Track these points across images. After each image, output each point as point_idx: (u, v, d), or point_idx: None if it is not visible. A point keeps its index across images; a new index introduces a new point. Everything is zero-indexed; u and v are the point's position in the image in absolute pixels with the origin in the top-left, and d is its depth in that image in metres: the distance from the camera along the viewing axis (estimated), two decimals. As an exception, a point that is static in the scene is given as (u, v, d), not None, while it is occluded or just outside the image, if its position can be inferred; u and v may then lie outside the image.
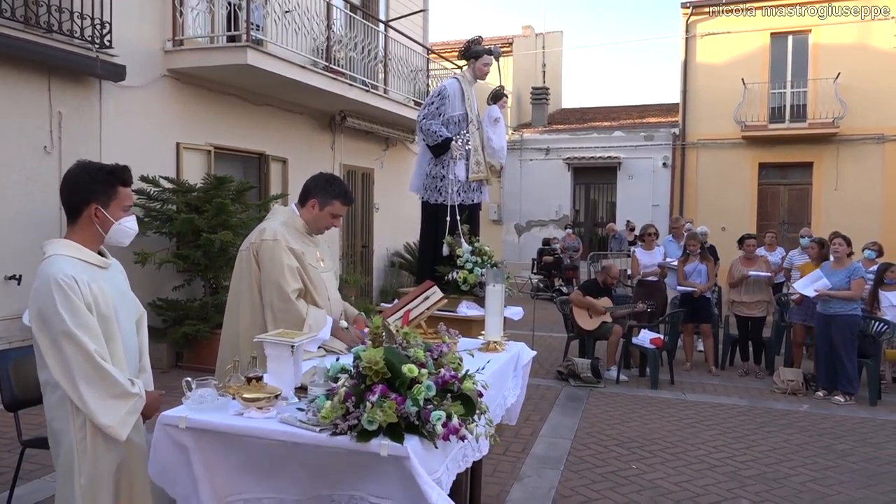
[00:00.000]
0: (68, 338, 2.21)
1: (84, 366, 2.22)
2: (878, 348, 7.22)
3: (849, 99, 16.00)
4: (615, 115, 21.12)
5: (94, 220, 2.38)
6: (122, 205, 2.43)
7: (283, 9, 8.55)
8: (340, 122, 10.91)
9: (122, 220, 2.44)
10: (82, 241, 2.38)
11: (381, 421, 1.94)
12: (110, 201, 2.40)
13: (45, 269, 2.27)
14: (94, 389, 2.23)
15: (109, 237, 2.44)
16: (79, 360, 2.22)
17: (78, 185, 2.39)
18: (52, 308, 2.22)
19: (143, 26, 7.59)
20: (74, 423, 2.28)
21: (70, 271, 2.27)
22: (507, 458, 5.04)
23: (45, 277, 2.25)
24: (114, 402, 2.25)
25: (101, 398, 2.24)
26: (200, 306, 7.41)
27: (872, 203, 16.10)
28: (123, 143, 7.29)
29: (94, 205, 2.37)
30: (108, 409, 2.23)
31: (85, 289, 2.28)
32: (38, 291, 2.25)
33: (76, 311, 2.23)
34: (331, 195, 3.17)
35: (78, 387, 2.22)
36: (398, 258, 12.93)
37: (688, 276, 8.37)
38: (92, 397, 2.23)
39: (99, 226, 2.39)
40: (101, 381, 2.25)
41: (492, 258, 5.43)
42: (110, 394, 2.26)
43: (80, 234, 2.39)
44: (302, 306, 3.04)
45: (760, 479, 4.82)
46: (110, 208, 2.40)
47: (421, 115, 5.44)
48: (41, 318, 2.24)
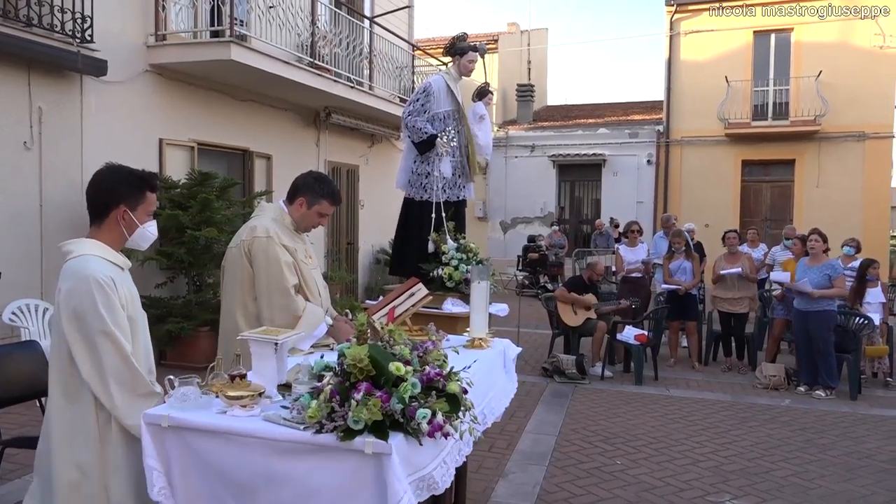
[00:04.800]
0: (107, 337, 2.24)
1: (120, 366, 2.26)
2: (858, 344, 7.31)
3: (830, 97, 16.15)
4: (600, 112, 21.19)
5: (120, 221, 2.40)
6: (147, 209, 2.47)
7: (268, 4, 8.49)
8: (325, 119, 10.86)
9: (147, 224, 2.47)
10: (107, 242, 2.40)
11: (366, 419, 1.94)
12: (138, 205, 2.43)
13: (80, 268, 2.28)
14: (125, 390, 2.27)
15: (132, 240, 2.46)
16: (115, 360, 2.25)
17: (109, 185, 2.41)
18: (91, 308, 2.23)
19: (124, 21, 7.50)
20: (98, 420, 2.29)
21: (107, 271, 2.31)
22: (492, 455, 5.05)
23: (83, 277, 2.25)
24: (141, 402, 2.29)
25: (131, 398, 2.28)
26: (184, 304, 7.35)
27: (853, 200, 16.27)
28: (105, 139, 7.21)
29: (124, 207, 2.39)
30: (135, 408, 2.26)
31: (120, 289, 2.33)
32: (75, 291, 2.25)
33: (114, 311, 2.27)
34: (319, 194, 3.16)
35: (109, 386, 2.25)
36: (384, 255, 12.90)
37: (673, 273, 8.42)
38: (122, 398, 2.27)
39: (125, 228, 2.42)
40: (133, 382, 2.29)
41: (477, 255, 5.42)
42: (138, 393, 2.30)
43: (106, 235, 2.41)
44: (301, 302, 3.04)
45: (743, 474, 4.87)
46: (137, 211, 2.42)
47: (406, 111, 5.42)
48: (77, 316, 2.24)
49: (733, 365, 8.40)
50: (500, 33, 21.17)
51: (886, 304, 8.46)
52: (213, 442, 2.10)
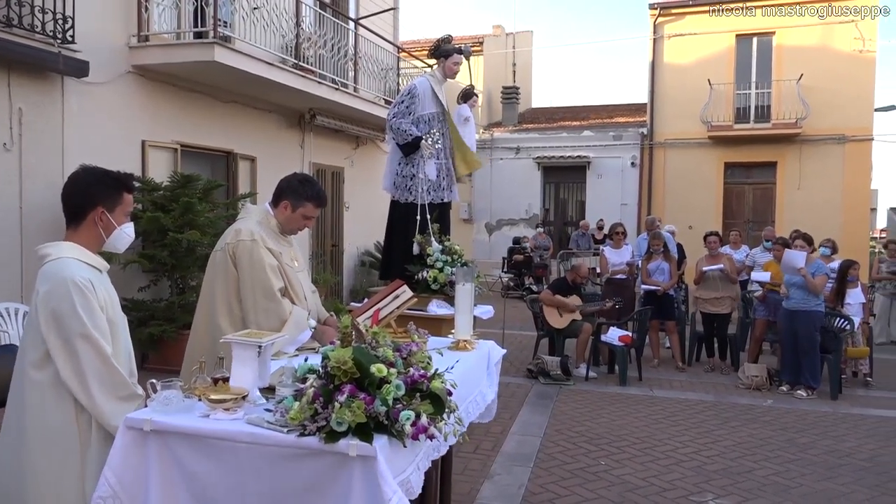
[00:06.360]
0: (86, 339, 2.23)
1: (100, 368, 2.25)
2: (839, 344, 7.40)
3: (811, 100, 16.35)
4: (584, 114, 21.30)
5: (97, 223, 2.39)
6: (125, 210, 2.46)
7: (252, 5, 8.45)
8: (310, 121, 10.83)
9: (124, 225, 2.46)
10: (85, 244, 2.38)
11: (349, 421, 1.93)
12: (115, 206, 2.41)
13: (57, 271, 2.26)
14: (106, 391, 2.26)
15: (110, 242, 2.44)
16: (95, 362, 2.24)
17: (84, 187, 2.40)
18: (69, 310, 2.22)
19: (106, 21, 7.43)
20: (79, 423, 2.28)
21: (86, 274, 2.30)
22: (478, 457, 5.06)
23: (61, 279, 2.24)
24: (123, 405, 2.28)
25: (113, 400, 2.27)
26: (167, 307, 7.29)
27: (833, 201, 16.47)
28: (86, 141, 7.14)
29: (100, 208, 2.38)
30: (118, 411, 2.24)
31: (99, 292, 2.31)
32: (53, 293, 2.24)
33: (94, 314, 2.26)
34: (303, 197, 3.15)
35: (90, 388, 2.24)
36: (369, 257, 12.88)
37: (651, 273, 8.50)
38: (104, 399, 2.26)
39: (102, 229, 2.40)
40: (114, 384, 2.28)
41: (462, 257, 5.44)
42: (120, 396, 2.29)
43: (83, 237, 2.39)
44: (287, 305, 3.03)
45: (725, 474, 4.91)
46: (115, 213, 2.41)
47: (391, 113, 5.42)
48: (55, 318, 2.23)
49: (716, 365, 8.48)
50: (485, 35, 21.21)
51: (867, 305, 8.58)
52: (195, 446, 2.08)
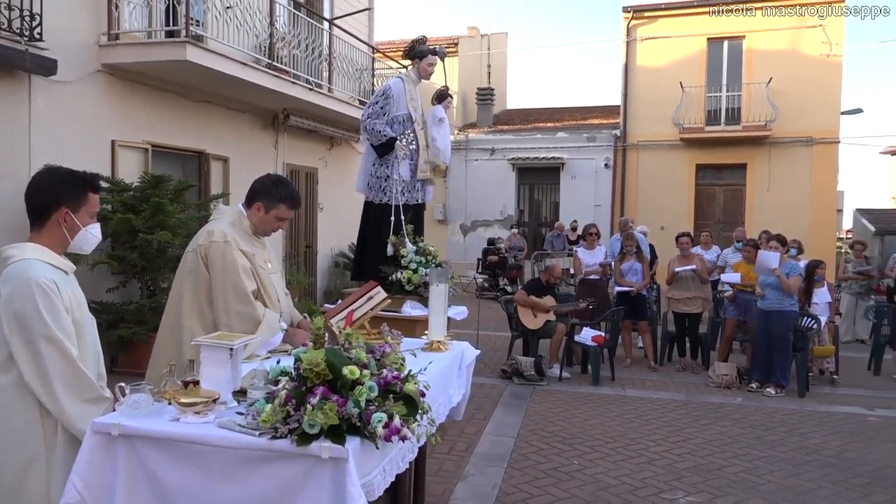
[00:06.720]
0: (50, 341, 2.20)
1: (65, 370, 2.22)
2: (806, 343, 7.55)
3: (780, 103, 16.64)
4: (559, 116, 21.43)
5: (62, 224, 2.35)
6: (90, 211, 2.42)
7: (225, 4, 8.38)
8: (284, 121, 10.76)
9: (89, 226, 2.42)
10: (49, 245, 2.34)
11: (322, 423, 1.93)
12: (80, 206, 2.37)
13: (21, 272, 2.23)
14: (71, 394, 2.23)
15: (75, 243, 2.40)
16: (60, 364, 2.21)
17: (48, 187, 2.36)
18: (33, 311, 2.19)
19: (75, 19, 7.31)
20: (44, 426, 2.24)
21: (50, 275, 2.26)
22: (451, 458, 5.07)
23: (24, 281, 2.21)
24: (90, 407, 2.25)
25: (78, 403, 2.24)
26: (137, 309, 7.20)
27: (801, 203, 16.79)
28: (54, 140, 7.01)
29: (65, 208, 2.34)
30: (84, 414, 2.22)
31: (64, 293, 2.28)
32: (15, 294, 2.21)
33: (58, 315, 2.23)
34: (277, 198, 3.12)
35: (55, 391, 2.21)
36: (342, 258, 12.83)
37: (624, 274, 8.60)
38: (69, 402, 2.23)
39: (66, 230, 2.36)
40: (80, 386, 2.25)
41: (436, 258, 5.44)
42: (86, 398, 2.26)
43: (47, 238, 2.35)
44: (259, 307, 2.99)
45: (696, 471, 4.98)
46: (79, 213, 2.37)
47: (365, 114, 5.41)
48: (18, 320, 2.20)
49: (687, 365, 8.59)
50: (460, 37, 21.24)
51: (833, 304, 8.77)
52: (165, 450, 2.06)
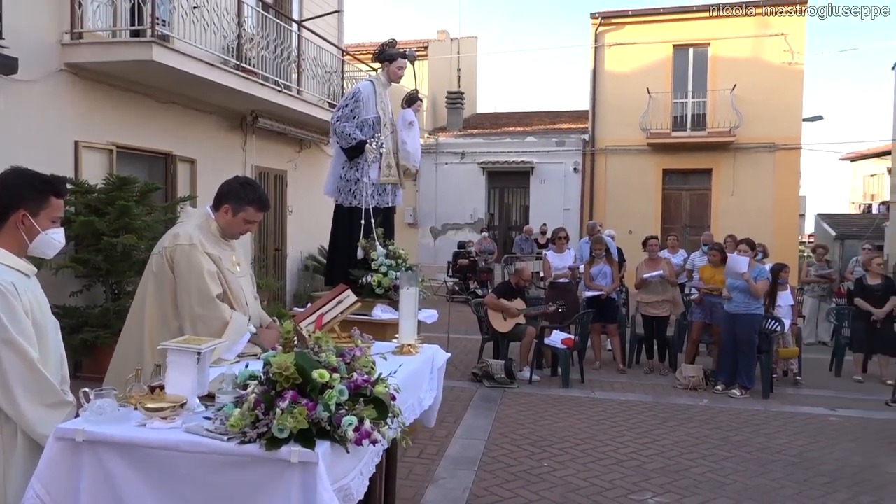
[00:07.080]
0: (9, 345, 2.14)
1: (25, 374, 2.16)
2: (770, 344, 7.70)
3: (744, 109, 16.99)
4: (528, 120, 21.58)
5: (20, 226, 2.28)
6: (51, 215, 2.35)
7: (192, 4, 8.27)
8: (252, 123, 10.65)
9: (50, 230, 2.35)
10: (7, 248, 2.28)
11: (291, 427, 1.91)
12: (40, 209, 2.31)
13: None
14: (31, 398, 2.18)
15: (34, 247, 2.34)
16: (19, 368, 2.15)
17: (8, 188, 2.30)
18: None
19: (37, 17, 7.15)
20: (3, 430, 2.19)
21: (8, 277, 2.20)
22: (422, 461, 5.06)
23: None
24: (51, 412, 2.20)
25: (39, 407, 2.19)
26: (101, 313, 7.05)
27: (765, 207, 17.15)
28: (15, 141, 6.84)
29: (23, 211, 2.28)
30: (46, 418, 2.17)
31: (24, 296, 2.22)
32: None
33: (18, 319, 2.17)
34: (244, 201, 3.08)
35: (14, 395, 2.15)
36: (312, 262, 12.74)
37: (594, 277, 8.68)
38: (29, 406, 2.17)
39: (25, 233, 2.30)
40: (40, 391, 2.19)
41: (406, 261, 5.44)
42: (47, 403, 2.21)
43: (5, 240, 2.29)
44: (226, 311, 2.95)
45: (664, 472, 5.04)
46: (39, 217, 2.31)
47: (335, 117, 5.39)
48: None
49: (655, 367, 8.69)
50: (430, 41, 21.28)
51: (796, 307, 8.95)
52: (130, 456, 2.02)
